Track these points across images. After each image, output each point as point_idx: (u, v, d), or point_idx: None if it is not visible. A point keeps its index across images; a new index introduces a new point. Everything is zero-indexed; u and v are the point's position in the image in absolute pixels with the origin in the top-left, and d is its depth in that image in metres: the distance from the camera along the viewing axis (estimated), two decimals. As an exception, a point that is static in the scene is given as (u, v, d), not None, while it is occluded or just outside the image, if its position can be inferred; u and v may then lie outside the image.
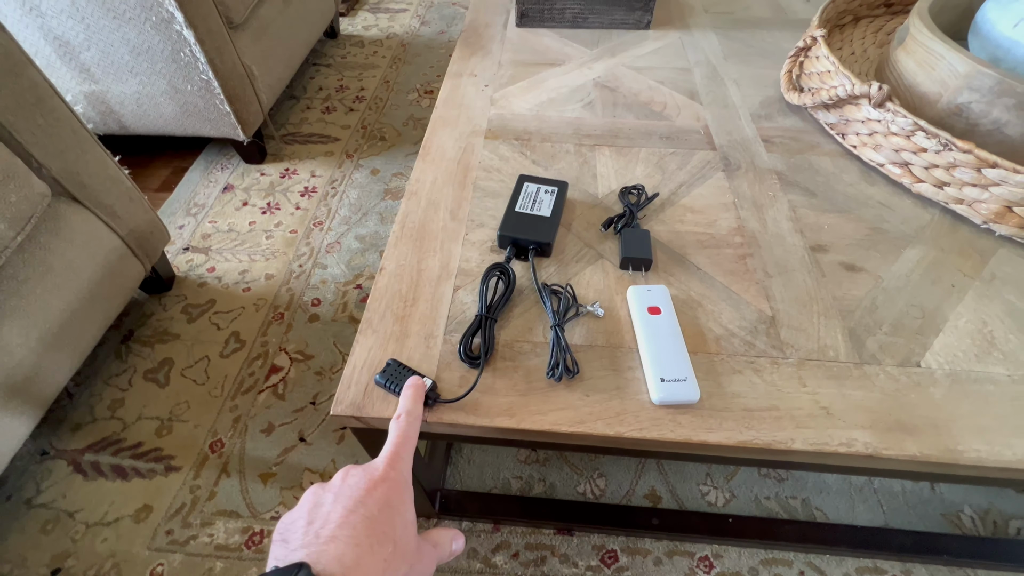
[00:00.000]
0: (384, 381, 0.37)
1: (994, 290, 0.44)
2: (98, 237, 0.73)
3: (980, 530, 0.67)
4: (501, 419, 0.36)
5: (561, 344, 0.39)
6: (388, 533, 0.24)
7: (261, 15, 1.10)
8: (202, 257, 1.00)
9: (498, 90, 0.67)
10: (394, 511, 0.25)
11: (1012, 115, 0.49)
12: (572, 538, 0.66)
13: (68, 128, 0.68)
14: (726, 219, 0.50)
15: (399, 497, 0.26)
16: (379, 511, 0.25)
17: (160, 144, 1.17)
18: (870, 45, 0.72)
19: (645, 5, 0.77)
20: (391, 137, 1.26)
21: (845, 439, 0.35)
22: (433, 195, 0.53)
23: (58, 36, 0.91)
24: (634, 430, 0.36)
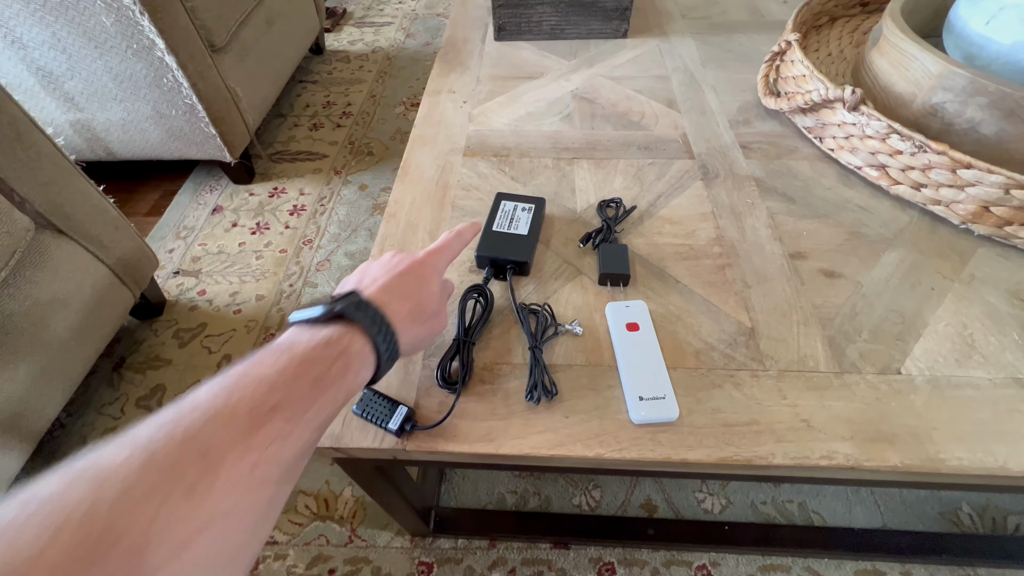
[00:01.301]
0: (361, 412, 0.36)
1: (973, 291, 0.44)
2: (84, 267, 0.73)
3: (979, 527, 0.67)
4: (480, 445, 0.36)
5: (540, 365, 0.38)
6: (414, 293, 0.32)
7: (243, 36, 1.11)
8: (192, 280, 1.00)
9: (476, 106, 0.67)
10: (422, 283, 0.33)
11: (986, 114, 0.49)
12: (569, 552, 0.66)
13: (50, 161, 0.68)
14: (705, 229, 0.50)
15: (428, 276, 0.34)
16: (412, 279, 0.33)
17: (148, 168, 1.17)
18: (847, 45, 0.72)
19: (622, 14, 0.77)
20: (379, 152, 1.27)
21: (826, 451, 0.35)
22: (412, 216, 0.53)
23: (41, 67, 0.92)
24: (613, 451, 0.35)
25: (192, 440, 0.19)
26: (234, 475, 0.20)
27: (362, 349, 0.27)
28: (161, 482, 0.18)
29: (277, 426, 0.22)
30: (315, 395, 0.24)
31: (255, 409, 0.21)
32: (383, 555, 0.66)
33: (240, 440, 0.20)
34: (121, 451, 0.18)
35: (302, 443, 0.23)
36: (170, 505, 0.17)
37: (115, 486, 0.17)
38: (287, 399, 0.23)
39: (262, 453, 0.21)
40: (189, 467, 0.19)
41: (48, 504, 0.16)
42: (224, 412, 0.21)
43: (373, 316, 0.28)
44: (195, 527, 0.18)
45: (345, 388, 0.26)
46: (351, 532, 0.68)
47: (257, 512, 0.21)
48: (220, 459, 0.19)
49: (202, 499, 0.18)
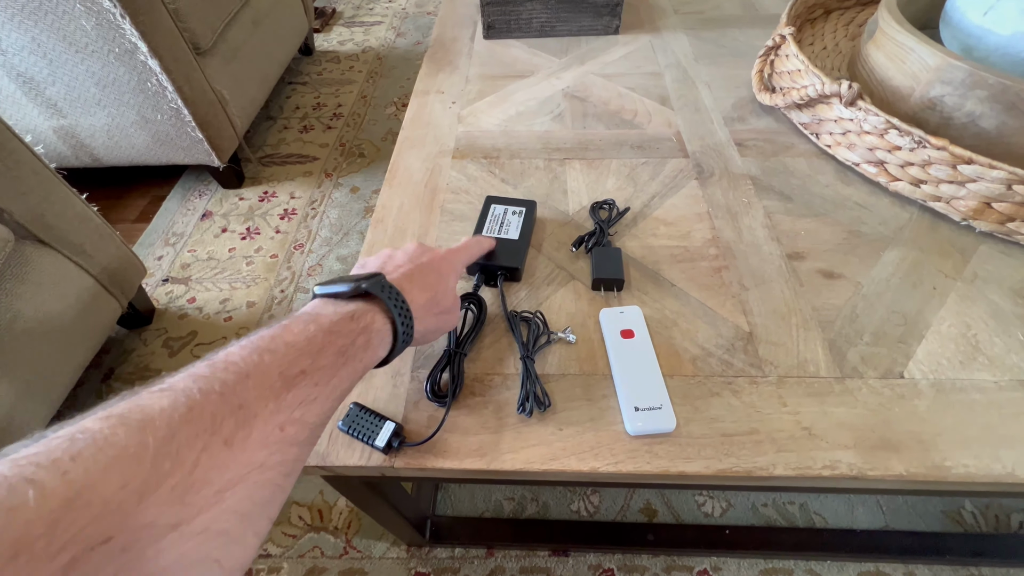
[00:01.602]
0: (347, 428, 0.35)
1: (976, 290, 0.43)
2: (68, 278, 0.72)
3: (982, 526, 0.66)
4: (471, 460, 0.35)
5: (532, 376, 0.37)
6: (432, 285, 0.33)
7: (230, 39, 1.09)
8: (182, 288, 0.98)
9: (466, 106, 0.66)
10: (441, 278, 0.34)
11: (986, 107, 0.48)
12: (568, 559, 0.65)
13: (29, 170, 0.66)
14: (700, 230, 0.49)
15: (448, 273, 0.36)
16: (432, 273, 0.34)
17: (136, 174, 1.15)
18: (842, 38, 0.71)
19: (613, 10, 0.75)
20: (370, 153, 1.25)
21: (828, 461, 0.34)
22: (400, 221, 0.52)
23: (21, 73, 0.90)
24: (609, 464, 0.34)
25: (229, 394, 0.20)
26: (266, 432, 0.21)
27: (383, 327, 0.29)
28: (202, 430, 0.19)
29: (305, 390, 0.23)
30: (339, 365, 0.25)
31: (285, 372, 0.23)
32: (379, 566, 0.65)
33: (271, 399, 0.21)
34: (163, 398, 0.19)
35: (325, 409, 0.24)
36: (211, 452, 0.18)
37: (160, 431, 0.18)
38: (314, 366, 0.24)
39: (290, 414, 0.22)
40: (227, 419, 0.19)
41: (97, 442, 0.16)
42: (257, 372, 0.22)
43: (396, 299, 0.30)
44: (232, 476, 0.19)
45: (364, 362, 0.27)
46: (346, 543, 0.67)
47: (284, 470, 0.22)
48: (254, 415, 0.20)
49: (239, 451, 0.19)
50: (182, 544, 0.17)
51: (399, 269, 0.33)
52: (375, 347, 0.28)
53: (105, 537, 0.15)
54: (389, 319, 0.29)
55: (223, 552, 0.18)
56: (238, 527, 0.19)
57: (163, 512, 0.17)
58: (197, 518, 0.17)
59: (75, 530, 0.15)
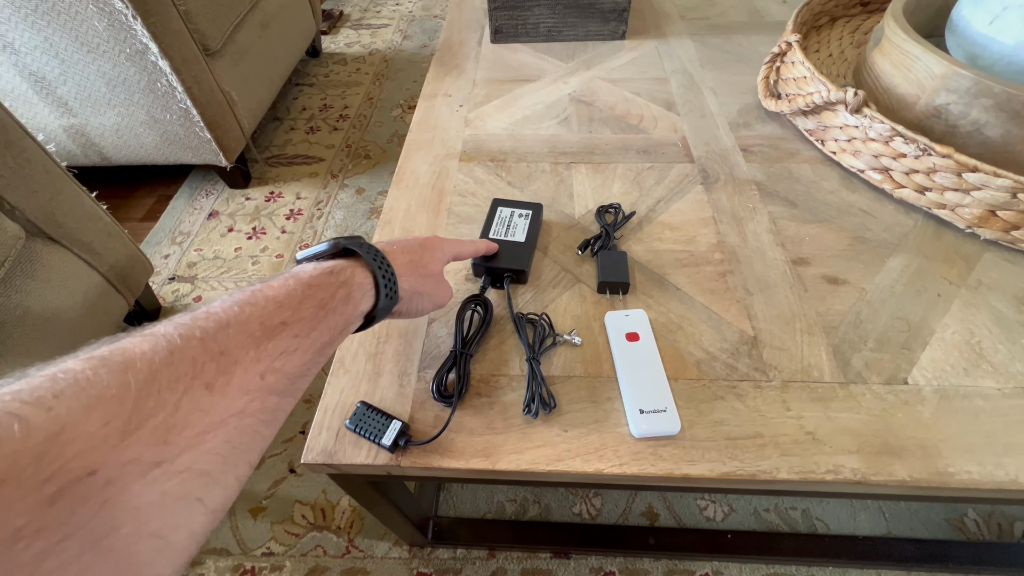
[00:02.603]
0: (354, 426, 0.35)
1: (980, 297, 0.43)
2: (77, 275, 0.72)
3: (985, 534, 0.66)
4: (476, 460, 0.35)
5: (537, 378, 0.38)
6: (416, 252, 0.34)
7: (238, 40, 1.10)
8: (188, 286, 0.99)
9: (473, 110, 0.66)
10: (424, 249, 0.35)
11: (991, 116, 0.48)
12: (569, 561, 0.65)
13: (40, 167, 0.67)
14: (705, 235, 0.49)
15: (433, 247, 0.36)
16: (415, 244, 0.35)
17: (144, 173, 1.16)
18: (847, 46, 0.71)
19: (620, 15, 0.76)
20: (376, 155, 1.26)
21: (832, 466, 0.34)
22: (407, 223, 0.52)
23: (33, 72, 0.91)
24: (614, 466, 0.34)
25: (210, 341, 0.21)
26: (247, 378, 0.21)
27: (364, 281, 0.29)
28: (183, 374, 0.19)
29: (285, 340, 0.23)
30: (319, 317, 0.25)
31: (265, 322, 0.23)
32: (381, 566, 0.65)
33: (252, 347, 0.22)
34: (144, 343, 0.19)
35: (305, 360, 0.24)
36: (192, 395, 0.19)
37: (141, 372, 0.18)
38: (294, 317, 0.24)
39: (271, 363, 0.22)
40: (208, 363, 0.20)
41: (79, 382, 0.17)
42: (237, 321, 0.22)
43: (375, 253, 0.30)
44: (213, 419, 0.19)
45: (346, 316, 0.28)
46: (348, 542, 0.67)
47: (263, 417, 0.22)
48: (235, 362, 0.21)
49: (220, 395, 0.20)
50: (165, 481, 0.17)
51: (380, 243, 0.34)
52: (356, 301, 0.28)
53: (89, 470, 0.15)
54: (370, 273, 0.30)
55: (205, 492, 0.19)
56: (219, 468, 0.19)
57: (146, 450, 0.17)
58: (179, 457, 0.18)
59: (60, 462, 0.15)
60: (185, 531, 0.18)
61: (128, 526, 0.16)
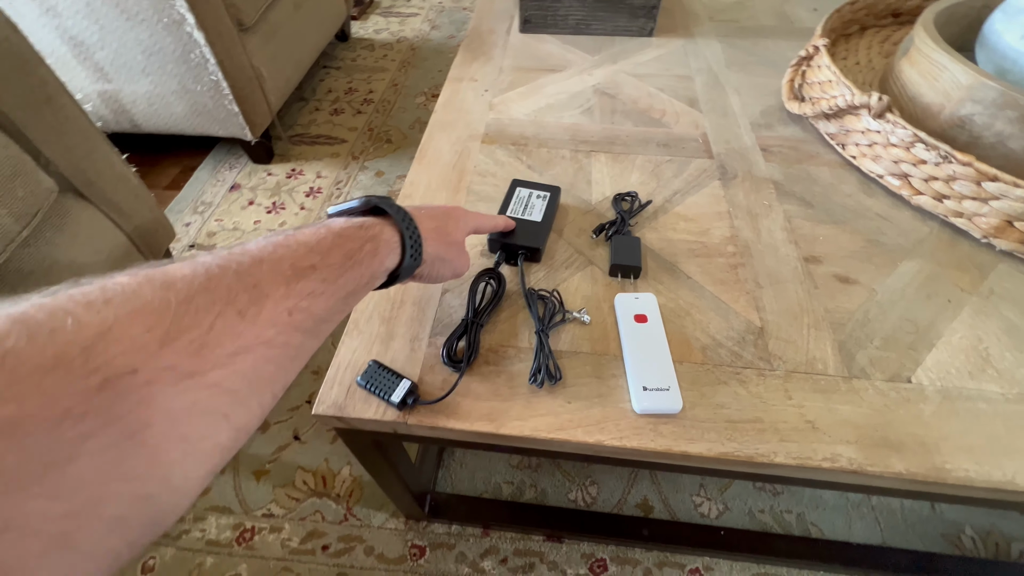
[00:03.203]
0: (365, 383, 0.37)
1: (992, 306, 0.43)
2: (103, 233, 0.74)
3: (981, 551, 0.65)
4: (481, 423, 0.36)
5: (545, 350, 0.38)
6: (440, 217, 0.36)
7: (271, 18, 1.12)
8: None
9: (497, 95, 0.67)
10: (449, 218, 0.37)
11: (1015, 128, 0.48)
12: (561, 545, 0.66)
13: (77, 126, 0.69)
14: (719, 228, 0.50)
15: (458, 217, 0.38)
16: (440, 212, 0.36)
17: (171, 143, 1.19)
18: (875, 55, 0.71)
19: (648, 12, 0.77)
20: (397, 140, 1.28)
21: (829, 454, 0.35)
22: (426, 199, 0.53)
23: (73, 36, 0.93)
24: (614, 438, 0.35)
25: (244, 273, 0.22)
26: (276, 312, 0.22)
27: (391, 238, 0.30)
28: (218, 299, 0.20)
29: (313, 283, 0.24)
30: (346, 266, 0.27)
31: (296, 264, 0.24)
32: (377, 535, 0.66)
33: (282, 284, 0.23)
34: (184, 267, 0.20)
35: (330, 304, 0.25)
36: (225, 318, 0.20)
37: (181, 292, 0.19)
38: (323, 263, 0.25)
39: (298, 301, 0.23)
40: (241, 293, 0.21)
41: (126, 292, 0.18)
42: (271, 259, 0.23)
43: (404, 215, 0.31)
44: (242, 343, 0.20)
45: (372, 269, 0.29)
46: (347, 510, 0.69)
47: (288, 352, 0.23)
48: (266, 295, 0.22)
49: (251, 323, 0.21)
50: (196, 392, 0.19)
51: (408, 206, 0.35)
52: (383, 256, 0.30)
53: (132, 368, 0.17)
54: (398, 232, 0.31)
55: (231, 409, 0.20)
56: (245, 390, 0.21)
57: (181, 360, 0.18)
58: (210, 372, 0.19)
59: (107, 357, 0.16)
60: (211, 442, 0.20)
61: (160, 425, 0.18)
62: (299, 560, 0.65)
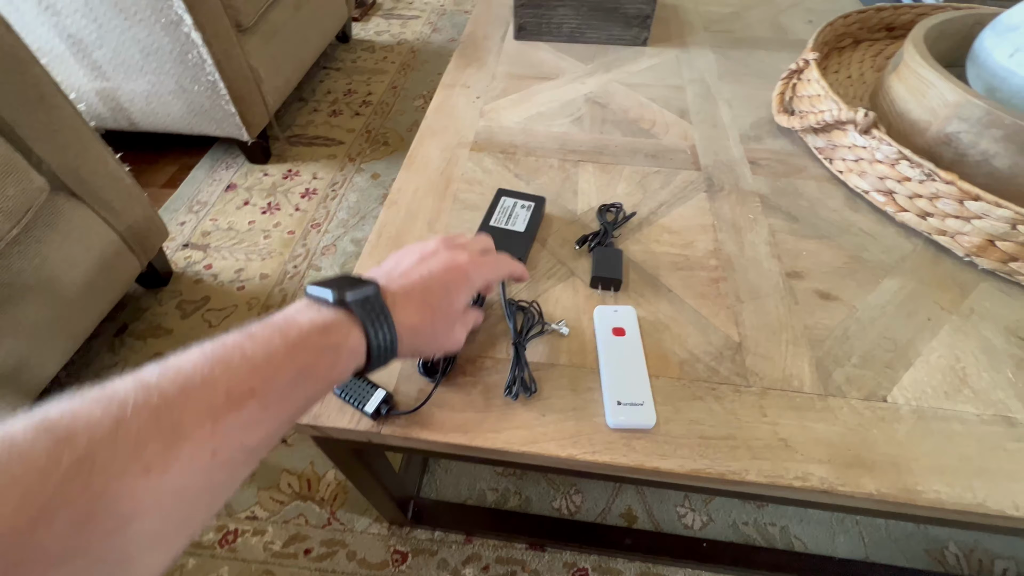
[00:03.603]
0: (340, 391, 0.37)
1: (971, 325, 0.43)
2: (95, 232, 0.75)
3: (964, 569, 0.65)
4: (454, 435, 0.36)
5: (521, 362, 0.39)
6: (434, 305, 0.31)
7: (271, 19, 1.12)
8: (200, 254, 1.01)
9: (489, 102, 0.68)
10: (447, 294, 0.32)
11: (1000, 147, 0.48)
12: (544, 554, 0.66)
13: (70, 125, 0.70)
14: (703, 241, 0.50)
15: (458, 288, 0.33)
16: (436, 287, 0.32)
17: (169, 141, 1.19)
18: (868, 69, 0.71)
19: (643, 22, 0.77)
20: (394, 142, 1.28)
21: (801, 472, 0.34)
22: (413, 205, 0.53)
23: (72, 34, 0.94)
24: (586, 452, 0.35)
25: (164, 411, 0.19)
26: (195, 456, 0.19)
27: (357, 346, 0.27)
28: (120, 452, 0.18)
29: (249, 412, 0.21)
30: (295, 385, 0.24)
31: (232, 389, 0.21)
32: (359, 540, 0.67)
33: (209, 421, 0.20)
34: (96, 408, 0.18)
35: (270, 431, 0.23)
36: (125, 480, 0.18)
37: (78, 449, 0.17)
38: (266, 385, 0.22)
39: (227, 438, 0.21)
40: (153, 440, 0.19)
41: (11, 453, 0.16)
42: (203, 387, 0.21)
43: (378, 319, 0.28)
44: (144, 504, 0.18)
45: (328, 382, 0.26)
46: (330, 514, 0.69)
47: (208, 493, 0.21)
48: (185, 436, 0.19)
49: (158, 478, 0.18)
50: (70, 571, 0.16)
51: (404, 278, 0.31)
52: (343, 366, 0.27)
53: None
54: (365, 337, 0.27)
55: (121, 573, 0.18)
56: (142, 552, 0.18)
57: (55, 542, 0.16)
58: (93, 547, 0.17)
59: None
60: None
61: None
62: (281, 564, 0.65)
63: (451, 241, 0.35)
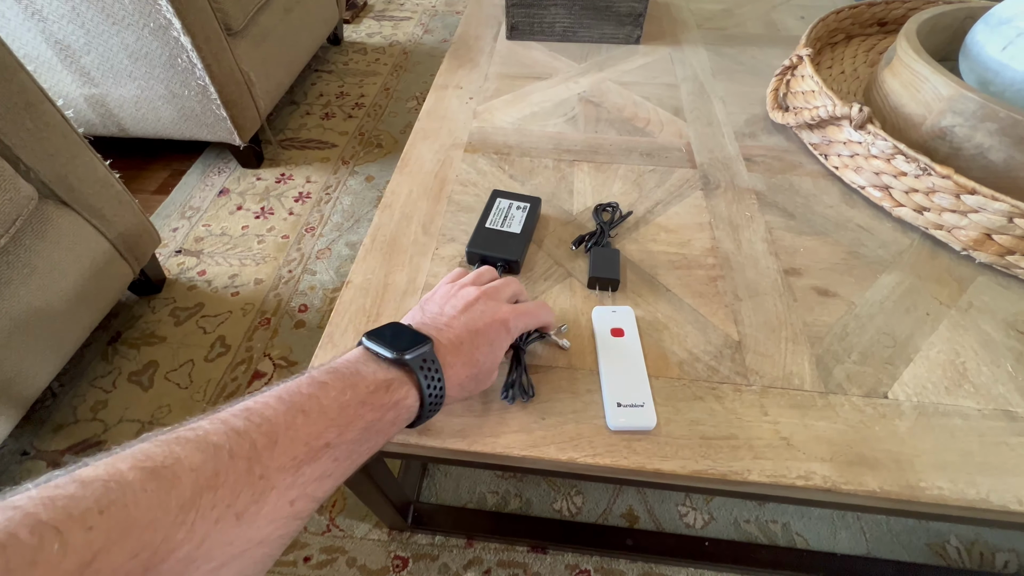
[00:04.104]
0: (336, 398, 0.36)
1: (970, 319, 0.43)
2: (85, 240, 0.74)
3: (966, 562, 0.65)
4: (453, 441, 0.36)
5: (520, 366, 0.38)
6: (479, 360, 0.32)
7: (261, 22, 1.12)
8: (193, 260, 1.00)
9: (482, 103, 0.67)
10: (492, 349, 0.33)
11: (995, 140, 0.48)
12: (546, 556, 0.65)
13: (58, 132, 0.69)
14: (700, 239, 0.50)
15: (502, 343, 0.33)
16: (485, 343, 0.32)
17: (160, 147, 1.18)
18: (861, 64, 0.71)
19: (635, 20, 0.77)
20: (388, 144, 1.27)
21: (803, 471, 0.34)
22: (407, 208, 0.53)
23: (59, 40, 0.93)
24: (587, 456, 0.35)
25: (255, 462, 0.21)
26: (277, 506, 0.21)
27: (413, 404, 0.29)
28: (220, 500, 0.19)
29: (324, 464, 0.23)
30: (362, 440, 0.25)
31: (311, 442, 0.23)
32: (359, 546, 0.66)
33: (291, 471, 0.22)
34: (196, 455, 0.20)
35: (336, 483, 0.24)
36: (222, 526, 0.19)
37: (184, 494, 0.18)
38: (339, 439, 0.24)
39: (304, 489, 0.22)
40: (245, 490, 0.20)
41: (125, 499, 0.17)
42: (286, 437, 0.22)
43: (433, 378, 0.29)
44: (233, 551, 0.19)
45: (387, 436, 0.28)
46: (329, 521, 0.68)
47: (281, 543, 0.22)
48: (271, 487, 0.21)
49: (247, 526, 0.20)
50: None
51: (451, 330, 0.32)
52: (401, 422, 0.28)
53: None
54: (420, 395, 0.29)
55: None
56: None
57: None
58: None
59: None
60: None
61: None
62: (280, 572, 0.64)
63: (491, 292, 0.35)
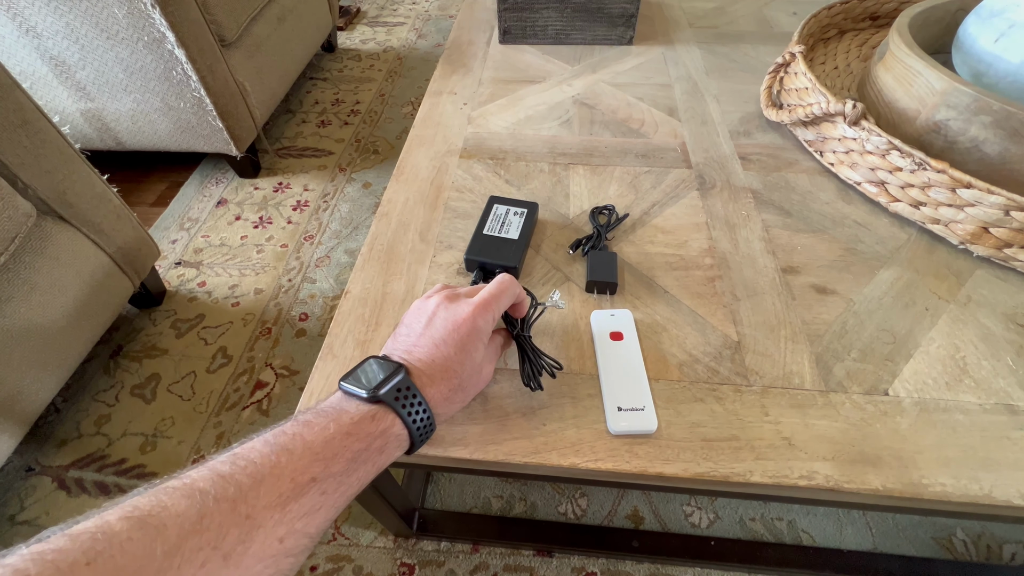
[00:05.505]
0: (337, 410, 0.36)
1: (969, 314, 0.43)
2: (85, 255, 0.74)
3: (973, 555, 0.65)
4: (455, 449, 0.36)
5: (529, 351, 0.37)
6: (455, 368, 0.31)
7: (255, 32, 1.12)
8: (193, 272, 1.00)
9: (476, 108, 0.67)
10: (464, 353, 0.31)
11: (990, 133, 0.48)
12: (552, 560, 0.65)
13: (55, 148, 0.69)
14: (697, 240, 0.50)
15: (473, 343, 0.32)
16: (453, 351, 0.31)
17: (157, 159, 1.18)
18: (854, 59, 0.71)
19: (627, 21, 0.77)
20: (384, 150, 1.27)
21: (806, 471, 0.34)
22: (404, 216, 0.53)
23: (54, 56, 0.93)
24: (589, 461, 0.35)
25: (241, 502, 0.21)
26: (265, 544, 0.21)
27: (401, 432, 0.29)
28: (206, 543, 0.20)
29: (312, 499, 0.23)
30: (350, 471, 0.25)
31: (296, 478, 0.23)
32: (365, 554, 0.66)
33: (278, 509, 0.22)
34: (182, 501, 0.20)
35: (328, 517, 0.24)
36: (208, 568, 0.19)
37: (170, 540, 0.19)
38: (326, 472, 0.24)
39: (292, 525, 0.22)
40: (232, 530, 0.20)
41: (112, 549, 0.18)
42: (271, 476, 0.23)
43: (411, 403, 0.29)
44: None
45: (378, 464, 0.28)
46: (335, 530, 0.68)
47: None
48: (258, 526, 0.21)
49: (234, 566, 0.20)
50: None
51: (420, 348, 0.31)
52: (391, 450, 0.28)
53: None
54: (407, 427, 0.29)
55: None
56: None
57: None
58: None
59: None
60: None
61: None
62: (287, 582, 0.64)
63: (450, 296, 0.34)
